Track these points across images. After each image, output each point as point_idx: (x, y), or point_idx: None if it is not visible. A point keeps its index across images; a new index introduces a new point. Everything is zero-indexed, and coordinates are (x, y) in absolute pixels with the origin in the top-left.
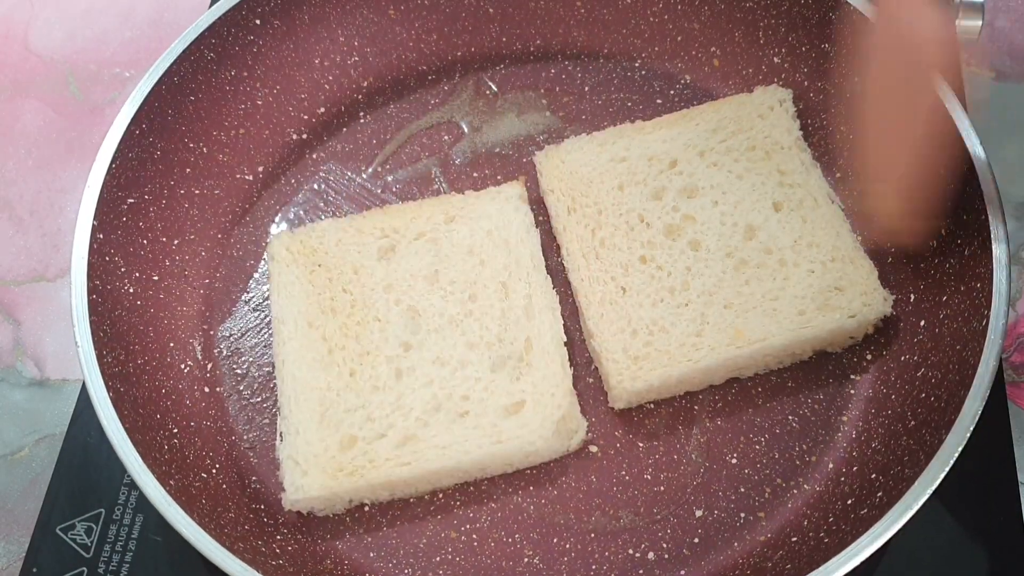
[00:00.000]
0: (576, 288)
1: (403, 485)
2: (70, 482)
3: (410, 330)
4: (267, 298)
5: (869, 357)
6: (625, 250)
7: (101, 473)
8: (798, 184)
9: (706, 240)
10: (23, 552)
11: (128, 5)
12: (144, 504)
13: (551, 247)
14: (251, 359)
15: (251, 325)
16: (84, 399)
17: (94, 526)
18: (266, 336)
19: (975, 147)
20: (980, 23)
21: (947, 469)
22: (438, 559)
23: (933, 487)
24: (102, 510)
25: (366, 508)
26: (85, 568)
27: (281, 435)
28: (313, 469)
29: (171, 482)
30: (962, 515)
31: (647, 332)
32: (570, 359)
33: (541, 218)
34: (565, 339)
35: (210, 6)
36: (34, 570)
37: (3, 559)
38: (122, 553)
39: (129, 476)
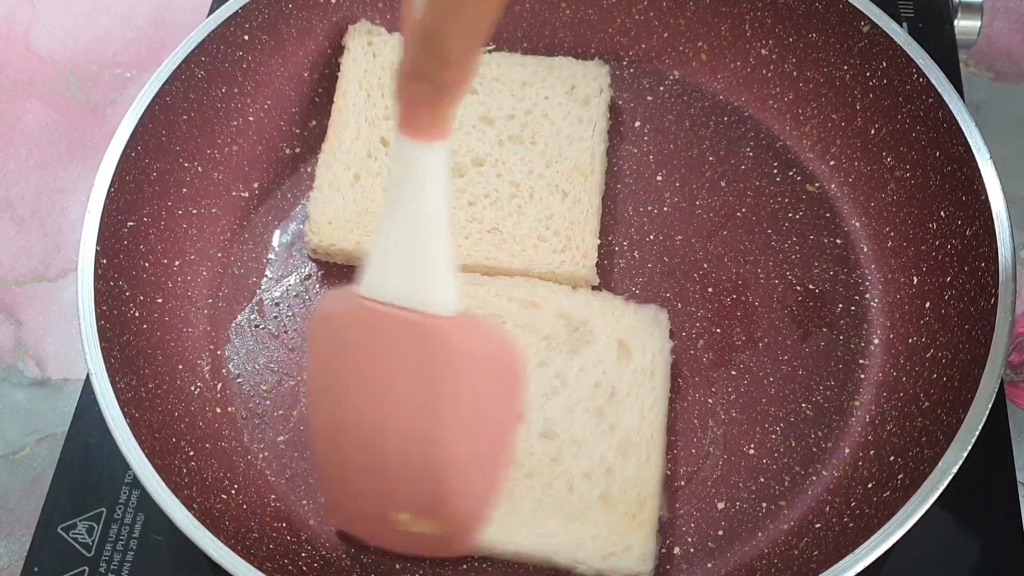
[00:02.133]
0: None
1: None
2: (71, 481)
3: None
4: (273, 315)
5: (876, 341)
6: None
7: (102, 472)
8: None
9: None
10: (24, 551)
11: (129, 6)
12: (145, 504)
13: None
14: (259, 377)
15: (257, 343)
16: (85, 399)
17: (95, 525)
18: (272, 353)
19: (970, 129)
20: (979, 24)
21: (969, 447)
22: (465, 567)
23: (957, 466)
24: (103, 509)
25: None
26: (86, 567)
27: None
28: None
29: (195, 506)
30: (962, 515)
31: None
32: None
33: None
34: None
35: (210, 8)
36: (35, 569)
37: (5, 558)
38: (123, 552)
39: (131, 475)
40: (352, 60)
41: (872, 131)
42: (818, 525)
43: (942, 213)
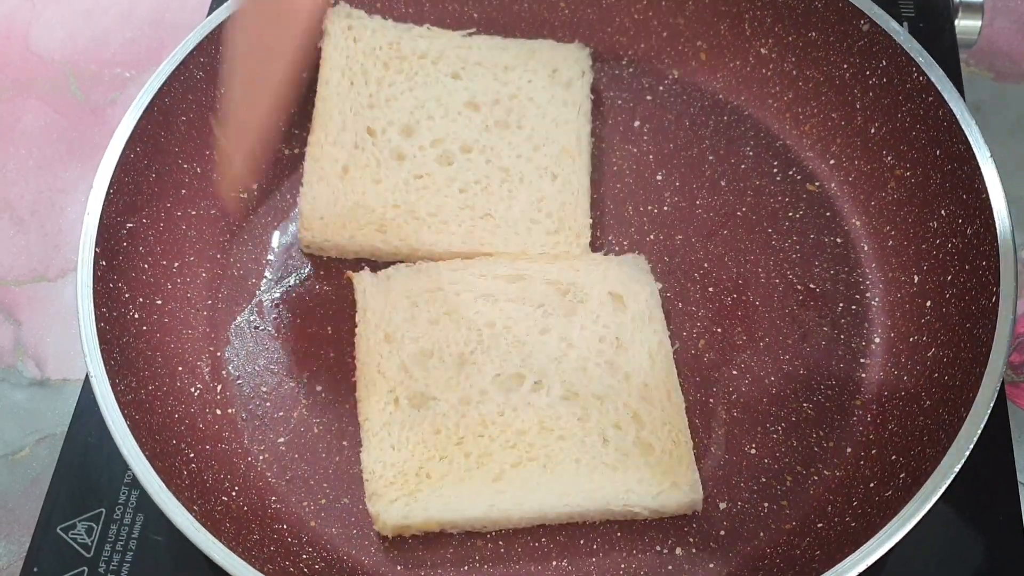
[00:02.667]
0: None
1: None
2: (71, 482)
3: None
4: (273, 316)
5: (877, 340)
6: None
7: (102, 473)
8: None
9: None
10: (24, 552)
11: (129, 5)
12: (145, 504)
13: None
14: (259, 379)
15: (256, 344)
16: (85, 399)
17: (95, 526)
18: (272, 354)
19: (970, 127)
20: (979, 23)
21: (972, 446)
22: (466, 568)
23: (959, 464)
24: (103, 510)
25: None
26: (86, 568)
27: None
28: None
29: (195, 507)
30: (962, 515)
31: None
32: None
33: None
34: None
35: (209, 8)
36: (35, 570)
37: (4, 559)
38: (123, 553)
39: (130, 475)
40: (332, 47)
41: (872, 130)
42: (820, 525)
43: (943, 212)
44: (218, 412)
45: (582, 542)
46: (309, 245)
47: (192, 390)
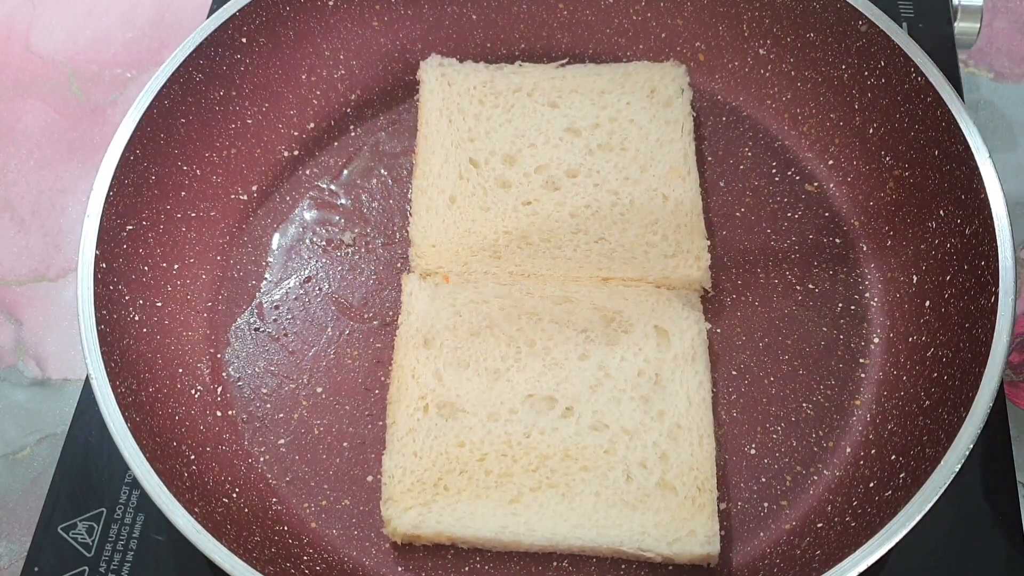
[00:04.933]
0: None
1: None
2: (71, 481)
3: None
4: (272, 317)
5: (876, 340)
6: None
7: (102, 472)
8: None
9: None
10: (25, 551)
11: (129, 6)
12: (145, 503)
13: None
14: (259, 380)
15: (256, 346)
16: (85, 399)
17: (95, 525)
18: (272, 356)
19: (968, 127)
20: (978, 24)
21: (971, 445)
22: (467, 569)
23: (959, 464)
24: (103, 509)
25: None
26: (87, 567)
27: None
28: None
29: (196, 510)
30: (962, 515)
31: None
32: None
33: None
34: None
35: (210, 9)
36: (35, 569)
37: (5, 558)
38: (123, 552)
39: (131, 475)
40: (429, 91)
41: (871, 130)
42: (820, 525)
43: (941, 212)
44: (218, 414)
45: None
46: (423, 274)
47: (192, 392)
